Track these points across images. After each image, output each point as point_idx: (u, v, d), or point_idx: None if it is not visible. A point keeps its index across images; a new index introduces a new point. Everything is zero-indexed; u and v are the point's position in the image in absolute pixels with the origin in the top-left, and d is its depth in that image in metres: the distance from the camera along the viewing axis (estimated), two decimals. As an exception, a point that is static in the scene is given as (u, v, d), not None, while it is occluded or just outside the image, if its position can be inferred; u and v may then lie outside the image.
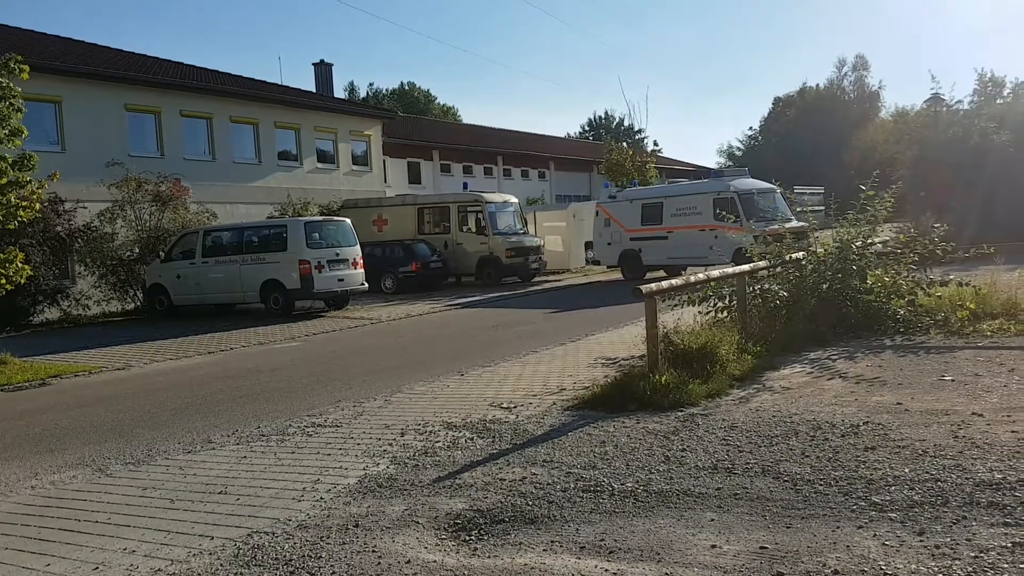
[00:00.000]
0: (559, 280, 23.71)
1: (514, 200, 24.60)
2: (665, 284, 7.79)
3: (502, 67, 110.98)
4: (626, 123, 65.54)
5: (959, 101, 27.05)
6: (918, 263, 9.93)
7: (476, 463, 5.39)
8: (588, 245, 26.25)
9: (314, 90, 34.43)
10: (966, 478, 4.32)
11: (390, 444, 6.08)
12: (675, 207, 21.12)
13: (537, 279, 23.56)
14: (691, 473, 4.84)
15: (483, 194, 24.18)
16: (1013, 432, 5.07)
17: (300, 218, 18.79)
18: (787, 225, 13.16)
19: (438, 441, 6.06)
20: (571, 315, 15.14)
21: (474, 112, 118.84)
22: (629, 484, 4.70)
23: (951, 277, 9.79)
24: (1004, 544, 3.50)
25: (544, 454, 5.49)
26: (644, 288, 7.26)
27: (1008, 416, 5.48)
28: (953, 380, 6.74)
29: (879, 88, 70.59)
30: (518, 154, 43.39)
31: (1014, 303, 9.54)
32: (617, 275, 22.48)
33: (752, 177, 22.57)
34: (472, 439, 6.05)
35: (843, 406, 6.17)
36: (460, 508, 4.50)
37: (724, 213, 16.62)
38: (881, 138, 43.92)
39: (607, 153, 26.85)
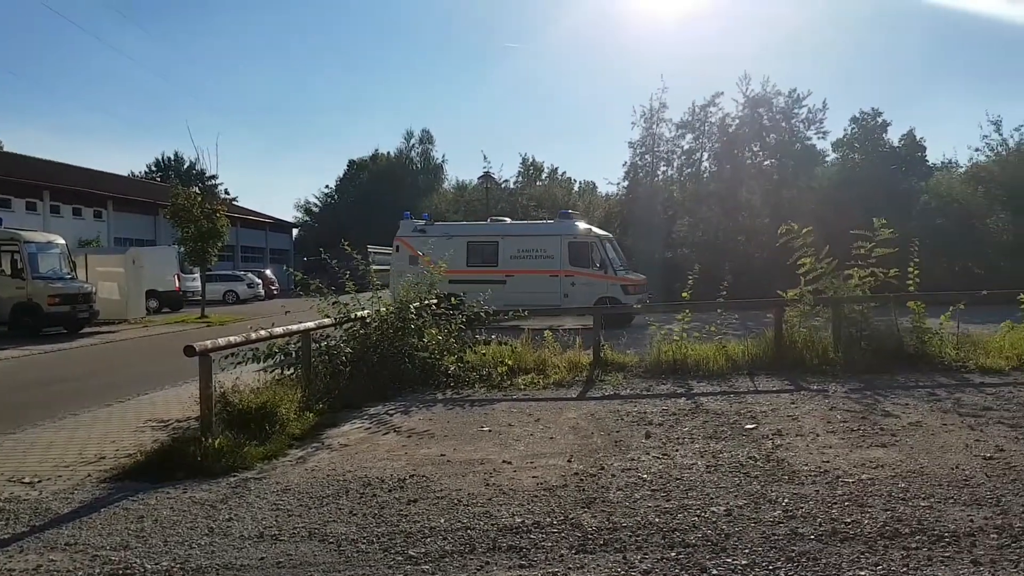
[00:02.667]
0: (114, 331, 21.33)
1: (60, 240, 21.67)
2: (222, 341, 7.42)
3: (47, 91, 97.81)
4: (197, 167, 62.52)
5: (506, 180, 31.20)
6: (467, 324, 11.01)
7: (-27, 557, 4.46)
8: (151, 294, 24.09)
9: None
10: (492, 524, 4.76)
11: None
12: (516, 248, 19.53)
13: (87, 330, 20.92)
14: (235, 544, 4.60)
15: (21, 232, 20.91)
16: (534, 478, 5.75)
17: None
18: (633, 275, 13.56)
19: (-80, 535, 4.90)
20: (123, 371, 13.66)
21: (17, 139, 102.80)
22: (165, 563, 4.30)
23: (493, 337, 11.03)
24: (516, 583, 3.91)
25: (68, 536, 4.78)
26: (197, 345, 6.82)
27: (531, 463, 6.20)
28: (490, 431, 7.47)
29: (443, 161, 78.28)
30: (69, 190, 38.59)
31: (543, 359, 11.03)
32: (180, 327, 20.90)
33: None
34: (-27, 527, 5.02)
35: (393, 460, 6.45)
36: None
37: (588, 258, 16.32)
38: (444, 207, 48.66)
39: (173, 197, 24.98)
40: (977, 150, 36.81)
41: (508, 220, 23.07)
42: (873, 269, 11.04)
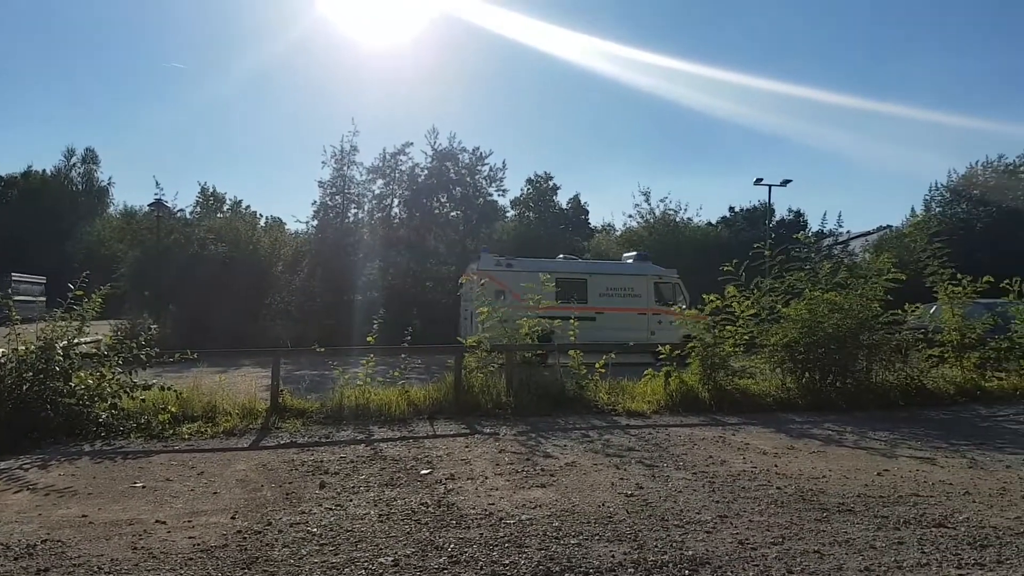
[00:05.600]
0: None
1: None
2: None
3: None
4: None
5: (181, 210, 29.06)
6: (124, 365, 9.91)
7: None
8: None
9: None
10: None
11: None
12: (605, 286, 19.31)
13: None
14: None
15: None
16: (191, 538, 5.24)
17: None
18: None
19: None
20: None
21: None
22: None
23: (154, 381, 10.04)
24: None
25: None
26: None
27: (189, 522, 5.66)
28: (144, 486, 6.73)
29: (109, 184, 70.95)
30: None
31: (213, 406, 10.26)
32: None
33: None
34: None
35: (24, 523, 5.54)
36: None
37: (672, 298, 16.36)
38: (108, 235, 43.90)
39: None
40: (630, 216, 42.23)
41: (577, 259, 23.80)
42: (540, 319, 11.97)
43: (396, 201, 34.17)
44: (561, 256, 24.56)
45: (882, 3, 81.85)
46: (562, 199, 39.26)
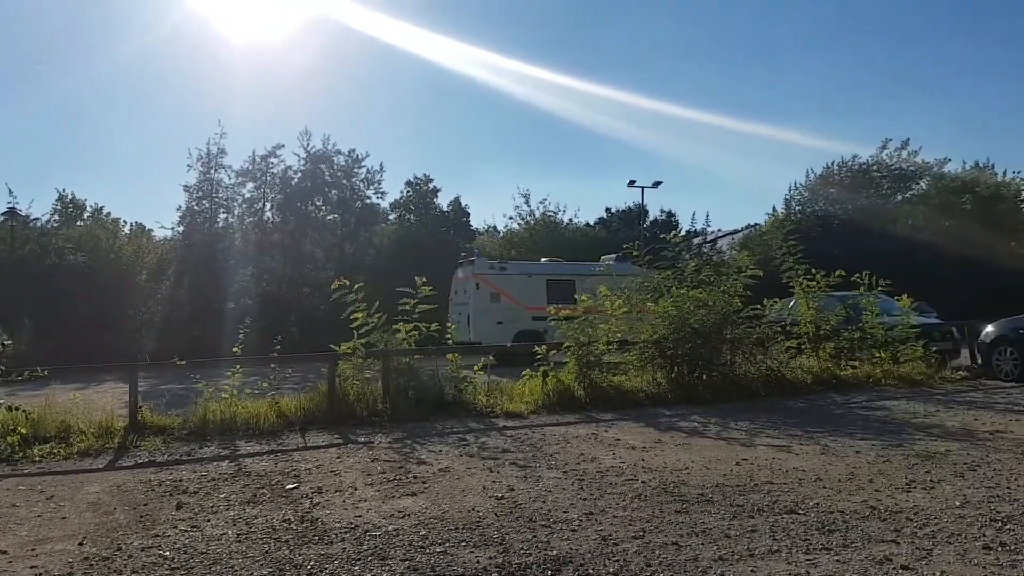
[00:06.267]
0: None
1: None
2: None
3: None
4: None
5: (37, 218, 27.20)
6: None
7: None
8: None
9: None
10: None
11: None
12: (591, 287, 16.12)
13: None
14: None
15: None
16: (33, 567, 4.86)
17: None
18: None
19: None
20: None
21: None
22: None
23: (2, 401, 9.31)
24: None
25: None
26: None
27: (33, 550, 5.25)
28: (-20, 517, 6.20)
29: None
30: None
31: (68, 425, 9.60)
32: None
33: None
34: None
35: None
36: None
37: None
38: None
39: None
40: (511, 218, 42.53)
41: (563, 261, 23.46)
42: (417, 324, 11.85)
43: (269, 205, 33.21)
44: (544, 259, 24.91)
45: (742, 35, 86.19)
46: (443, 201, 39.18)
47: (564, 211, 40.92)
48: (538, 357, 12.74)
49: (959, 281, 31.94)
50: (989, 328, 15.37)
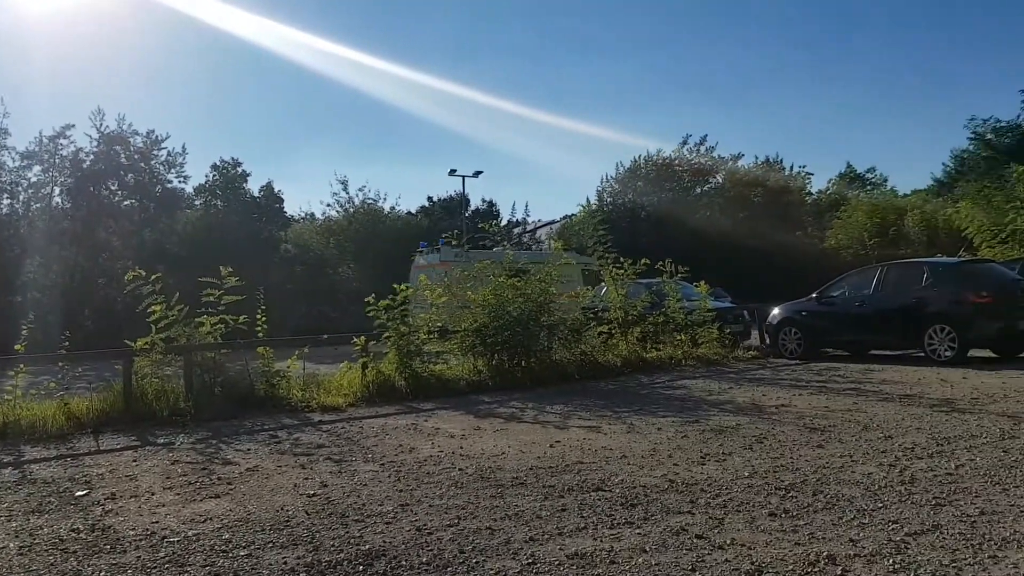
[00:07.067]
0: None
1: None
2: None
3: None
4: None
5: None
6: None
7: None
8: None
9: None
10: None
11: None
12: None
13: None
14: None
15: None
16: None
17: None
18: None
19: None
20: None
21: None
22: None
23: None
24: None
25: None
26: None
27: None
28: None
29: None
30: None
31: None
32: None
33: None
34: None
35: None
36: None
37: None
38: None
39: None
40: (328, 205, 41.30)
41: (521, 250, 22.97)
42: (223, 316, 11.23)
43: (58, 190, 30.28)
44: (499, 248, 24.44)
45: (559, 33, 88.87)
46: (253, 187, 37.37)
47: (385, 199, 40.46)
48: (356, 347, 12.49)
49: (751, 267, 34.87)
50: (776, 311, 16.83)
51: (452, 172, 39.31)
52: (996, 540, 4.34)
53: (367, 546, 4.74)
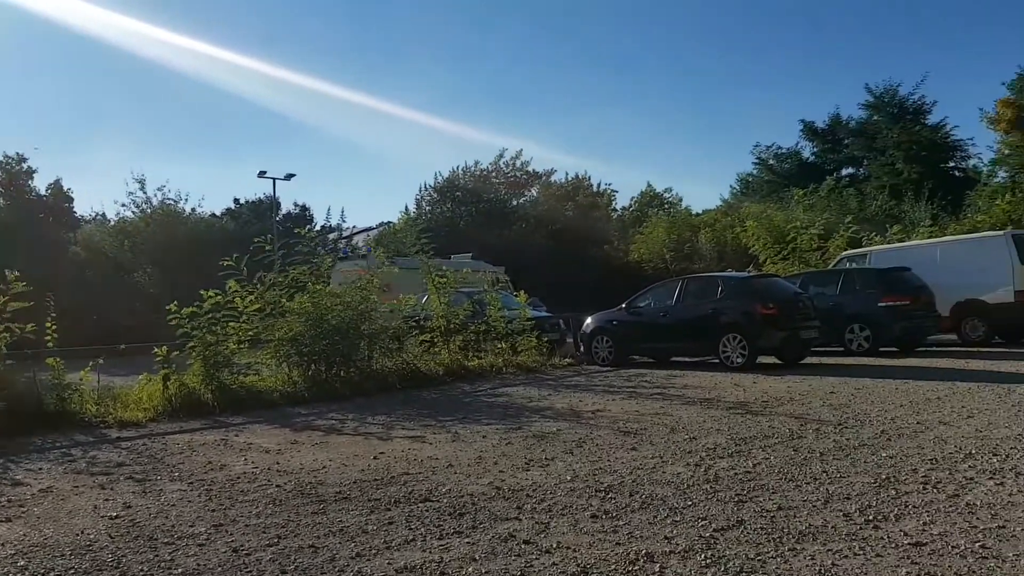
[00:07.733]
0: None
1: None
2: None
3: None
4: None
5: None
6: None
7: None
8: None
9: None
10: None
11: None
12: None
13: None
14: None
15: None
16: None
17: None
18: None
19: None
20: None
21: None
22: None
23: None
24: None
25: None
26: None
27: None
28: None
29: None
30: None
31: None
32: None
33: None
34: None
35: None
36: None
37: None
38: None
39: None
40: (124, 205, 38.04)
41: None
42: (8, 324, 10.10)
43: None
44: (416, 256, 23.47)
45: (394, 15, 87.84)
46: (40, 184, 33.93)
47: (186, 200, 38.04)
48: (158, 358, 11.62)
49: (565, 278, 36.18)
50: (589, 320, 17.57)
51: (262, 174, 37.47)
52: (794, 533, 4.73)
53: (179, 570, 4.39)
